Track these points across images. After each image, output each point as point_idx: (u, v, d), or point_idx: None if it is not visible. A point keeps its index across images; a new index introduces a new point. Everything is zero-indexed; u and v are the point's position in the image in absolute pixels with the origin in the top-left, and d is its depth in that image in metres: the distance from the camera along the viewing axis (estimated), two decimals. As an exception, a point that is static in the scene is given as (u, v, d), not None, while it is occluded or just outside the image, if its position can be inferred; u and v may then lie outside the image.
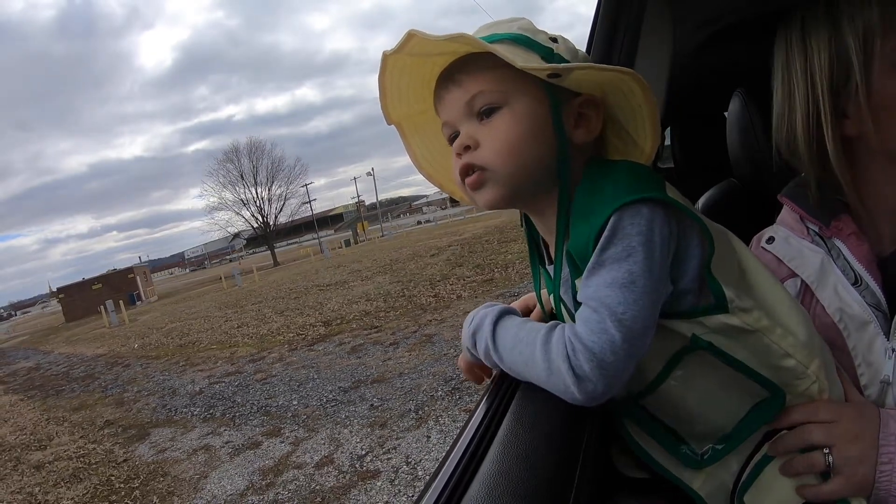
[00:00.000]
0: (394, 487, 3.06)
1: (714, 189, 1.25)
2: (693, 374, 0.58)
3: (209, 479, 3.88)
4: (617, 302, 0.51)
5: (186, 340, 10.55)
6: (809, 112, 0.66)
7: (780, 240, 0.74)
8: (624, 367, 0.51)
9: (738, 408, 0.59)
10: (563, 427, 0.55)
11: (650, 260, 0.52)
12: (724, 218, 0.66)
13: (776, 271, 0.72)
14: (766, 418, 0.58)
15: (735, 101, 1.02)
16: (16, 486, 4.75)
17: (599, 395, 0.51)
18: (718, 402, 0.60)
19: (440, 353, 5.24)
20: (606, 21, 0.92)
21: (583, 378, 0.50)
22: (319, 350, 6.83)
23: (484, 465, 0.49)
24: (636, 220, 0.52)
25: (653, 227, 0.52)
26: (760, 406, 0.59)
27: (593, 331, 0.51)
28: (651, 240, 0.52)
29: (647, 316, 0.51)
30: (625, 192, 0.53)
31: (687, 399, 0.60)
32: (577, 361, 0.51)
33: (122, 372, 9.01)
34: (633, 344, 0.50)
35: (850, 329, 0.65)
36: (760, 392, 0.58)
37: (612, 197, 0.53)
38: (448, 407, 3.93)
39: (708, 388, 0.59)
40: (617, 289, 0.51)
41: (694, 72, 1.32)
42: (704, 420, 0.61)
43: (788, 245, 0.73)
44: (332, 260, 24.54)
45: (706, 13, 1.05)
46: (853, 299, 0.65)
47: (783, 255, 0.72)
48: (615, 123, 0.64)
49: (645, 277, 0.51)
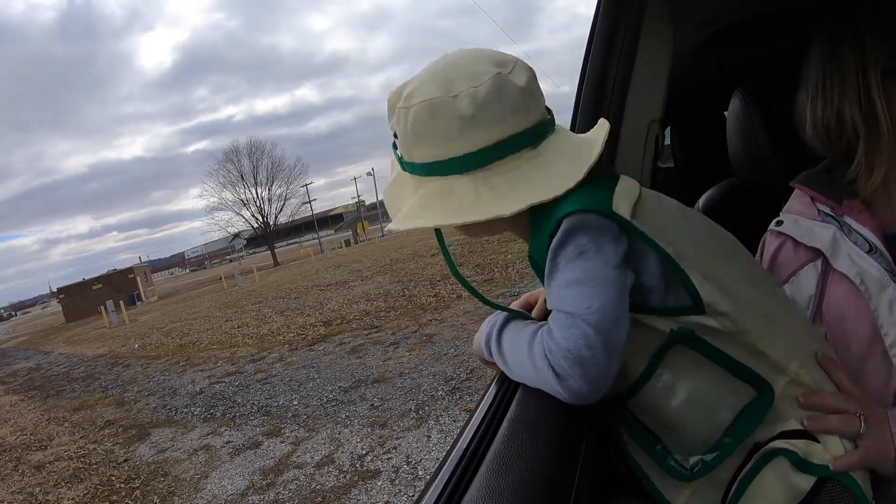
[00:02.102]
0: (394, 487, 3.06)
1: (714, 188, 1.25)
2: (676, 375, 0.59)
3: (210, 479, 3.88)
4: (580, 298, 0.52)
5: (187, 340, 10.55)
6: (861, 100, 0.67)
7: (789, 222, 0.75)
8: (605, 360, 0.51)
9: (725, 412, 0.59)
10: (563, 427, 0.55)
11: (602, 253, 0.54)
12: (724, 217, 0.67)
13: (791, 260, 0.73)
14: (755, 422, 0.58)
15: (735, 100, 1.02)
16: (16, 486, 4.75)
17: (586, 393, 0.52)
18: (704, 405, 0.59)
19: (440, 353, 5.24)
20: (606, 21, 0.92)
21: (564, 377, 0.51)
22: (320, 350, 6.83)
23: (484, 465, 0.49)
24: (583, 223, 0.54)
25: (601, 227, 0.55)
26: (748, 410, 0.58)
27: (565, 329, 0.52)
28: (600, 236, 0.54)
29: (614, 304, 0.52)
30: (571, 203, 0.55)
31: (672, 402, 0.59)
32: (556, 361, 0.52)
33: (122, 372, 9.01)
34: (608, 335, 0.51)
35: (872, 291, 0.66)
36: (747, 392, 0.58)
37: (560, 208, 0.56)
38: (448, 407, 3.93)
39: (693, 388, 0.59)
40: (576, 286, 0.53)
41: (694, 72, 1.32)
42: (691, 426, 0.60)
43: (798, 225, 0.74)
44: (333, 260, 24.54)
45: (706, 13, 1.05)
46: (870, 264, 0.66)
47: (794, 233, 0.73)
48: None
49: (601, 269, 0.53)
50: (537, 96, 0.61)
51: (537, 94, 0.61)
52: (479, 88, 0.56)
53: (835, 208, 0.72)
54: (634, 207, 0.57)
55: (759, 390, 0.58)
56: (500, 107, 0.57)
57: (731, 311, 0.56)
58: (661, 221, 0.59)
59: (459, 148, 0.58)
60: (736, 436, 0.58)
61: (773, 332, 0.59)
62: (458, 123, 0.57)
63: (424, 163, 0.60)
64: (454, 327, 6.10)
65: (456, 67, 0.59)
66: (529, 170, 0.58)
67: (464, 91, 0.56)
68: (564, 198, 0.56)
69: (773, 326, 0.59)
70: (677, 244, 0.57)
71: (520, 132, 0.58)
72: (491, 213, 0.56)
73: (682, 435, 0.61)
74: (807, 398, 0.59)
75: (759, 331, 0.57)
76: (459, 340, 5.51)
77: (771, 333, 0.58)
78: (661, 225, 0.58)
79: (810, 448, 0.57)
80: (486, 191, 0.57)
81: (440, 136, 0.58)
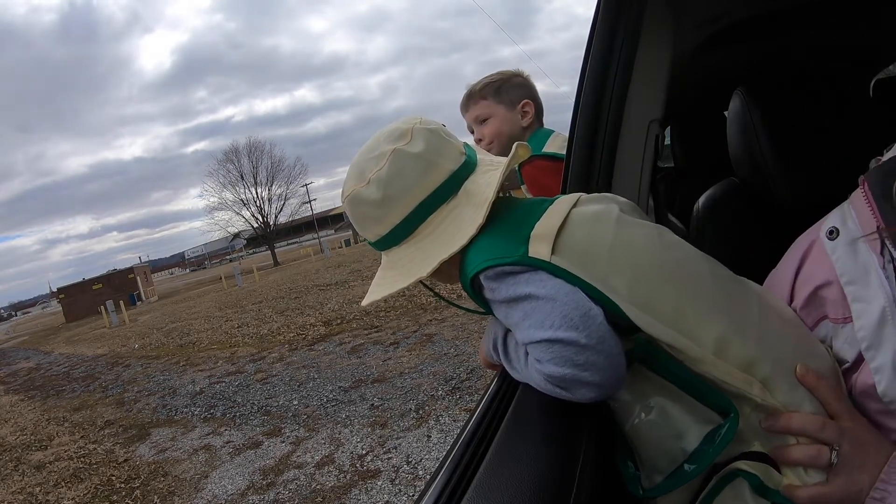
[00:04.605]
0: (394, 487, 3.06)
1: (714, 188, 1.25)
2: (636, 396, 0.57)
3: (210, 479, 3.88)
4: (538, 325, 0.53)
5: (187, 340, 10.54)
6: None
7: (843, 242, 0.56)
8: (599, 357, 0.51)
9: (688, 435, 0.56)
10: (563, 427, 0.55)
11: (532, 283, 0.55)
12: (724, 217, 0.67)
13: (819, 268, 0.59)
14: (718, 448, 0.53)
15: (735, 100, 1.02)
16: (17, 486, 4.75)
17: (605, 391, 0.53)
18: (665, 427, 0.56)
19: (440, 353, 5.24)
20: (606, 22, 0.92)
21: (573, 391, 0.52)
22: (320, 350, 6.83)
23: (484, 464, 0.49)
24: (501, 274, 0.57)
25: (520, 271, 0.56)
26: (712, 436, 0.55)
27: (545, 357, 0.52)
28: (523, 275, 0.55)
29: (572, 306, 0.52)
30: (481, 255, 0.58)
31: (632, 421, 0.58)
32: (557, 384, 0.53)
33: (122, 372, 9.01)
34: (587, 335, 0.51)
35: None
36: (711, 417, 0.55)
37: (470, 262, 0.59)
38: (448, 406, 3.93)
39: (655, 410, 0.57)
40: (530, 317, 0.54)
41: (694, 72, 1.32)
42: (654, 447, 0.57)
43: (853, 256, 0.55)
44: (333, 260, 24.53)
45: (706, 13, 1.05)
46: None
47: (841, 269, 0.56)
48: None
49: (540, 291, 0.54)
50: (443, 150, 0.65)
51: (443, 148, 0.65)
52: (382, 170, 0.63)
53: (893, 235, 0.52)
54: (556, 241, 0.57)
55: (724, 416, 0.54)
56: (404, 179, 0.63)
57: (673, 342, 0.54)
58: (592, 250, 0.57)
59: (388, 224, 0.65)
60: (699, 462, 0.54)
61: (731, 357, 0.54)
62: (374, 207, 0.64)
63: (374, 241, 0.69)
64: (454, 327, 6.09)
65: (365, 154, 0.66)
66: (448, 224, 0.63)
67: (372, 177, 0.63)
68: (474, 247, 0.59)
69: (729, 351, 0.55)
70: (608, 276, 0.55)
71: (432, 192, 0.63)
72: (413, 277, 0.61)
73: (647, 453, 0.59)
74: (768, 421, 0.54)
75: (709, 360, 0.54)
76: (459, 340, 5.51)
77: (727, 358, 0.54)
78: (589, 255, 0.56)
79: (768, 472, 0.54)
80: (417, 255, 0.63)
81: (369, 220, 0.66)
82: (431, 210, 0.63)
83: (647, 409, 0.57)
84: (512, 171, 0.82)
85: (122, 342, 13.05)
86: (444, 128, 0.69)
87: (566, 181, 1.05)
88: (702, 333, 0.55)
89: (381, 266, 0.70)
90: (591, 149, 1.00)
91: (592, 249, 0.57)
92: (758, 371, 0.55)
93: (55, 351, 15.54)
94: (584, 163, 1.00)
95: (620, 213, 0.63)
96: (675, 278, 0.58)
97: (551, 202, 0.63)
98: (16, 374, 12.42)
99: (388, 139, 0.65)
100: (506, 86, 1.43)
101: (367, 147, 0.67)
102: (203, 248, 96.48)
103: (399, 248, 0.66)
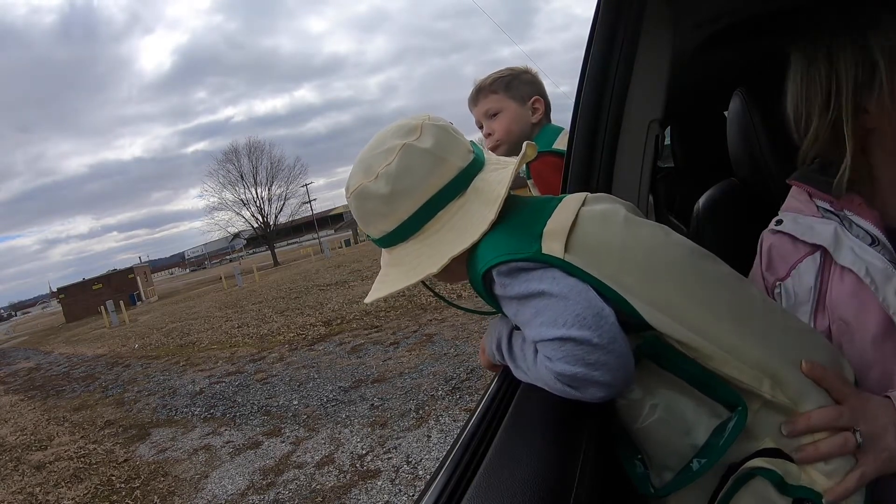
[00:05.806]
0: (394, 487, 3.06)
1: (714, 188, 1.25)
2: (645, 391, 0.57)
3: (210, 479, 3.88)
4: (551, 324, 0.52)
5: (187, 340, 10.54)
6: (830, 106, 0.70)
7: (788, 220, 0.74)
8: (609, 357, 0.51)
9: (697, 431, 0.56)
10: (563, 427, 0.55)
11: (545, 280, 0.54)
12: (724, 217, 0.67)
13: (790, 253, 0.72)
14: (727, 443, 0.54)
15: (735, 100, 1.02)
16: (17, 486, 4.75)
17: (615, 389, 0.52)
18: (674, 423, 0.57)
19: (440, 353, 5.24)
20: (606, 22, 0.92)
21: (583, 390, 0.52)
22: (320, 350, 6.83)
23: (484, 464, 0.49)
24: (514, 270, 0.56)
25: (533, 268, 0.56)
26: (721, 430, 0.55)
27: (557, 355, 0.52)
28: (536, 271, 0.55)
29: (584, 304, 0.52)
30: (494, 251, 0.58)
31: (642, 418, 0.58)
32: (567, 383, 0.52)
33: (122, 372, 9.01)
34: (599, 335, 0.50)
35: (878, 283, 0.64)
36: (720, 411, 0.56)
37: (481, 258, 0.59)
38: (448, 406, 3.93)
39: (663, 406, 0.57)
40: (542, 315, 0.53)
41: (694, 72, 1.32)
42: (663, 443, 0.58)
43: (797, 223, 0.73)
44: (333, 260, 24.53)
45: (706, 13, 1.05)
46: (874, 257, 0.65)
47: (795, 231, 0.72)
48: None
49: (553, 289, 0.53)
50: (452, 147, 0.65)
51: (452, 145, 0.65)
52: (391, 165, 0.62)
53: (834, 203, 0.71)
54: (569, 238, 0.57)
55: (732, 410, 0.55)
56: (414, 175, 0.62)
57: (686, 339, 0.54)
58: (603, 249, 0.57)
59: (395, 220, 0.64)
60: (709, 457, 0.55)
61: (741, 354, 0.55)
62: (382, 202, 0.63)
63: (378, 238, 0.68)
64: (454, 327, 6.09)
65: (372, 149, 0.65)
66: (458, 220, 0.62)
67: (380, 171, 0.63)
68: (485, 243, 0.59)
69: (740, 348, 0.55)
70: (620, 274, 0.55)
71: (442, 188, 0.63)
72: (423, 274, 0.61)
73: (656, 451, 0.59)
74: (790, 426, 0.55)
75: (721, 356, 0.54)
76: (459, 340, 5.51)
77: (737, 356, 0.55)
78: (601, 254, 0.57)
79: (786, 467, 0.54)
80: (425, 251, 0.63)
81: (375, 216, 0.66)
82: (441, 206, 0.63)
83: (656, 408, 0.57)
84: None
85: (122, 342, 13.05)
86: (452, 125, 0.69)
87: (566, 181, 1.05)
88: (713, 330, 0.55)
89: (384, 263, 0.69)
90: (591, 149, 1.00)
91: (604, 248, 0.57)
92: (767, 367, 0.55)
93: (55, 351, 15.54)
94: (584, 163, 1.00)
95: (627, 213, 0.63)
96: (684, 276, 0.58)
97: (559, 201, 0.63)
98: (16, 374, 12.42)
99: (396, 134, 0.64)
100: (516, 81, 1.41)
101: (374, 143, 0.66)
102: (203, 248, 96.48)
103: (406, 245, 0.65)
